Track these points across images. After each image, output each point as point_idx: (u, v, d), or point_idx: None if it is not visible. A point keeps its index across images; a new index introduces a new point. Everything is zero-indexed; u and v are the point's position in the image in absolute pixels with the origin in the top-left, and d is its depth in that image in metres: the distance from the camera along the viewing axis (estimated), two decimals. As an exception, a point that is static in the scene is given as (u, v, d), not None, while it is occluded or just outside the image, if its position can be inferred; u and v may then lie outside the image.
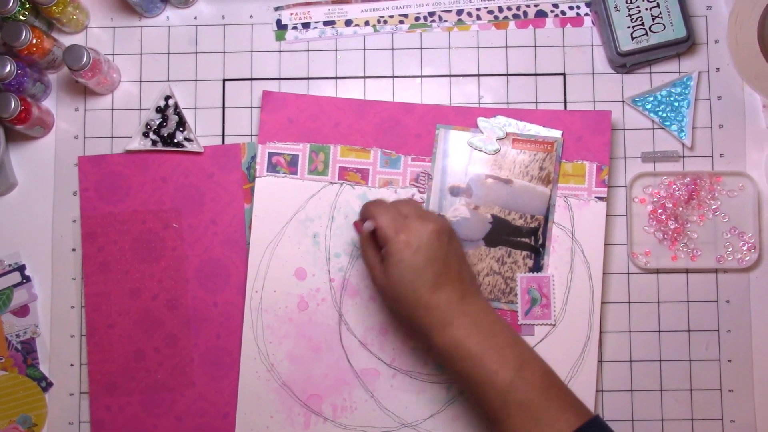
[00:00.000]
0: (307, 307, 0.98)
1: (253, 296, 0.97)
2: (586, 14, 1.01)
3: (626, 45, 0.97)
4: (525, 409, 0.79)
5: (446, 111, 0.98)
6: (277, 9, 1.02)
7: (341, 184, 0.98)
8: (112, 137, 1.01)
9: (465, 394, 0.96)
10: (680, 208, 0.98)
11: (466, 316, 0.84)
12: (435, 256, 0.84)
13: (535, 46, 1.01)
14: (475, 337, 0.83)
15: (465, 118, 0.98)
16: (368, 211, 0.88)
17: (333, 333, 0.97)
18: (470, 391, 0.84)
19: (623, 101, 1.00)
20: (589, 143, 0.97)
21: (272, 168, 0.98)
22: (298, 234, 0.98)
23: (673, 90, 0.99)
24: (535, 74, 1.01)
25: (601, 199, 0.97)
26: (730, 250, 0.98)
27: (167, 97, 1.00)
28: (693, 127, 0.99)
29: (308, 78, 1.02)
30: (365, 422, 0.97)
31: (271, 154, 0.98)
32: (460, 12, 1.02)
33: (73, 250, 1.00)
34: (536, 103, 1.00)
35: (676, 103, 0.99)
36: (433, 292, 0.83)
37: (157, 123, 1.00)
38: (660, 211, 0.98)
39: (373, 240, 0.88)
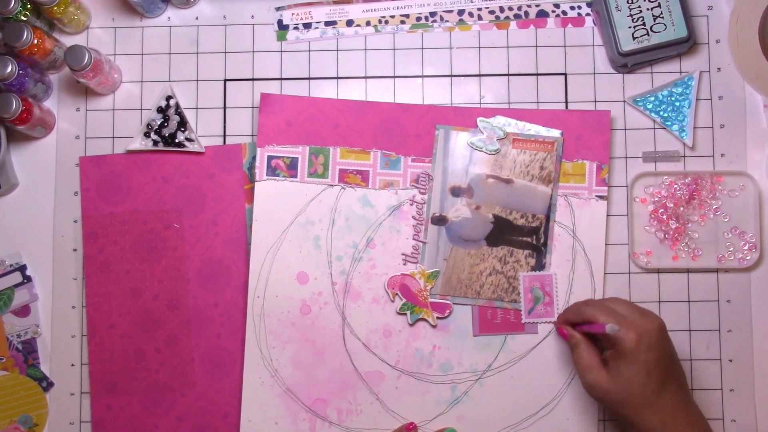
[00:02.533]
0: (309, 311, 0.98)
1: (255, 301, 0.97)
2: (588, 14, 1.01)
3: (627, 45, 0.97)
4: None
5: (445, 111, 0.98)
6: (278, 9, 1.02)
7: (342, 187, 0.98)
8: (113, 137, 1.01)
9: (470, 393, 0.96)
10: (681, 208, 0.98)
11: (689, 426, 0.83)
12: (664, 356, 0.84)
13: (536, 46, 1.01)
14: None
15: (464, 118, 0.98)
16: (584, 313, 0.88)
17: (336, 336, 0.97)
18: None
19: (624, 101, 1.00)
20: (588, 142, 0.97)
21: (272, 171, 0.98)
22: (299, 238, 0.98)
23: (674, 90, 0.99)
24: (537, 74, 1.01)
25: (601, 197, 0.97)
26: (731, 249, 0.98)
27: (168, 98, 1.00)
28: (694, 127, 0.99)
29: (309, 78, 1.02)
30: (371, 425, 0.96)
31: (270, 158, 0.98)
32: (461, 12, 1.02)
33: (74, 250, 1.00)
34: (537, 103, 1.00)
35: (677, 103, 0.99)
36: (660, 393, 0.83)
37: (159, 123, 1.00)
38: (661, 210, 0.98)
39: (588, 342, 0.88)
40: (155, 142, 0.99)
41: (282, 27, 1.02)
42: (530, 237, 0.97)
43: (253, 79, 1.02)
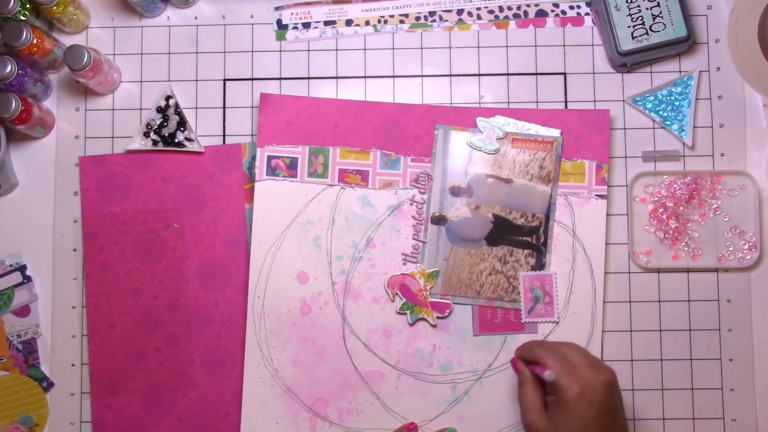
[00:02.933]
0: (309, 311, 0.98)
1: (255, 301, 0.97)
2: (587, 14, 1.01)
3: (627, 44, 0.97)
4: None
5: (445, 111, 0.98)
6: (277, 9, 1.02)
7: (341, 187, 0.98)
8: (112, 137, 1.01)
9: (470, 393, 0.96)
10: (681, 208, 0.98)
11: None
12: (606, 412, 0.82)
13: (535, 46, 1.01)
14: None
15: (464, 118, 0.98)
16: (535, 353, 0.87)
17: (336, 336, 0.97)
18: None
19: (624, 101, 1.00)
20: (588, 142, 0.97)
21: (272, 171, 0.98)
22: (299, 237, 0.98)
23: (673, 89, 0.99)
24: (536, 74, 1.01)
25: (601, 196, 0.97)
26: (731, 249, 0.98)
27: (168, 97, 1.00)
28: (694, 127, 0.99)
29: (309, 78, 1.02)
30: (371, 424, 0.96)
31: (270, 158, 0.98)
32: (460, 12, 1.02)
33: (74, 250, 1.00)
34: (537, 102, 1.00)
35: (677, 103, 0.99)
36: None
37: (158, 123, 1.00)
38: (661, 210, 0.98)
39: (536, 382, 0.87)
40: (155, 142, 0.99)
41: (281, 27, 1.02)
42: (530, 236, 0.97)
43: (252, 79, 1.02)
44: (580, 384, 0.82)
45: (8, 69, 0.92)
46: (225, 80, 1.02)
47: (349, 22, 1.02)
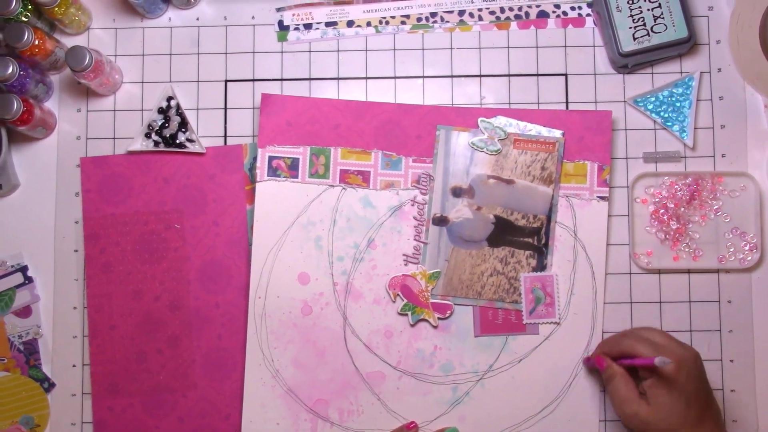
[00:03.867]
0: (311, 311, 0.98)
1: (256, 302, 0.97)
2: (588, 15, 1.01)
3: (628, 45, 0.97)
4: None
5: (446, 112, 0.99)
6: (279, 10, 1.02)
7: (343, 188, 0.98)
8: (114, 138, 1.01)
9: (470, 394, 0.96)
10: (682, 209, 0.98)
11: None
12: (700, 389, 0.84)
13: (536, 47, 1.01)
14: None
15: (465, 118, 0.98)
16: (622, 345, 0.88)
17: (338, 337, 0.97)
18: None
19: (625, 101, 1.00)
20: (590, 143, 0.97)
21: (273, 172, 0.98)
22: (300, 238, 0.98)
23: (674, 90, 0.99)
24: (537, 75, 1.01)
25: (602, 198, 0.97)
26: (732, 250, 0.98)
27: (169, 98, 1.00)
28: (695, 128, 0.99)
29: (310, 79, 1.02)
30: (373, 425, 0.96)
31: (271, 158, 0.98)
32: (461, 13, 1.02)
33: (76, 251, 1.00)
34: (538, 103, 1.00)
35: (678, 104, 0.99)
36: (698, 423, 0.83)
37: (159, 124, 1.00)
38: (662, 211, 0.98)
39: (626, 374, 0.88)
40: (156, 143, 0.99)
41: (283, 28, 1.02)
42: (531, 238, 0.97)
43: (253, 80, 1.02)
44: (676, 360, 0.83)
45: (10, 70, 0.92)
46: (226, 81, 1.02)
47: (350, 23, 1.02)
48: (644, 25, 0.97)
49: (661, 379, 0.84)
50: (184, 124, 1.00)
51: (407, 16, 1.02)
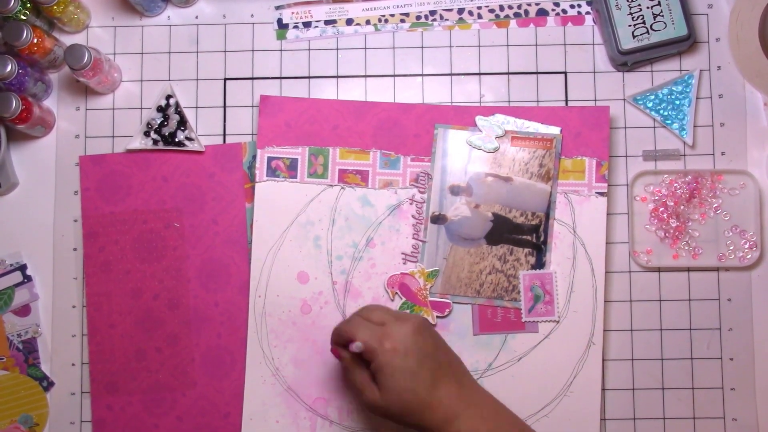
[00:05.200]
0: (310, 310, 0.98)
1: (256, 300, 0.97)
2: (587, 13, 1.01)
3: (627, 43, 0.97)
4: None
5: (445, 110, 0.98)
6: (278, 8, 1.02)
7: (341, 187, 0.98)
8: (113, 136, 1.01)
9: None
10: (681, 207, 0.98)
11: (471, 407, 0.83)
12: (425, 354, 0.82)
13: (536, 45, 1.01)
14: (482, 428, 0.82)
15: (463, 117, 0.98)
16: (343, 332, 0.86)
17: (337, 336, 0.97)
18: None
19: (624, 99, 1.00)
20: (587, 139, 0.97)
21: (272, 172, 0.98)
22: (299, 238, 0.98)
23: (674, 88, 0.99)
24: (537, 73, 1.01)
25: (601, 194, 0.97)
26: (731, 248, 0.98)
27: (168, 97, 1.00)
28: (694, 126, 0.99)
29: (309, 77, 1.02)
30: (372, 424, 0.96)
31: (270, 159, 0.98)
32: (461, 11, 1.02)
33: (75, 249, 1.00)
34: (537, 101, 1.00)
35: (678, 102, 0.99)
36: (433, 389, 0.82)
37: (158, 122, 1.00)
38: (661, 209, 0.98)
39: (357, 360, 0.86)
40: (155, 141, 0.99)
41: (282, 26, 1.02)
42: (530, 235, 0.97)
43: (252, 78, 1.02)
44: (390, 341, 0.81)
45: (8, 68, 0.92)
46: (225, 79, 1.02)
47: (349, 21, 1.02)
48: (644, 22, 0.97)
49: (378, 362, 0.82)
50: (183, 123, 1.00)
51: (406, 14, 1.02)
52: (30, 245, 1.00)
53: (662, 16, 0.97)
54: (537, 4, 1.01)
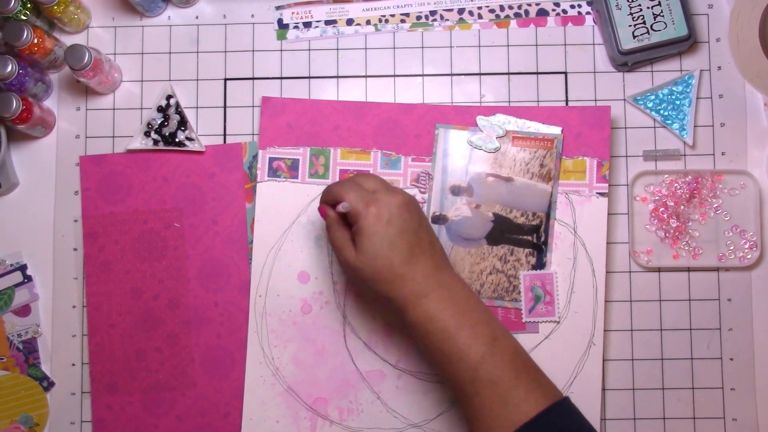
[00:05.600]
0: (310, 310, 0.98)
1: (256, 300, 0.97)
2: (588, 13, 1.01)
3: (628, 43, 0.97)
4: (494, 386, 0.79)
5: (445, 110, 0.98)
6: (278, 8, 1.02)
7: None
8: (113, 137, 1.01)
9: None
10: (682, 207, 0.98)
11: (442, 288, 0.84)
12: (407, 228, 0.84)
13: (536, 45, 1.01)
14: (449, 310, 0.82)
15: (464, 117, 0.98)
16: (334, 192, 0.87)
17: (337, 335, 0.97)
18: (440, 366, 0.83)
19: (624, 99, 1.00)
20: (588, 139, 0.97)
21: (273, 173, 0.98)
22: (300, 238, 0.98)
23: (674, 88, 0.99)
24: (537, 73, 1.01)
25: (602, 194, 0.97)
26: (731, 248, 0.98)
27: (168, 97, 1.00)
28: (694, 126, 0.99)
29: (309, 77, 1.02)
30: (372, 424, 0.96)
31: (271, 159, 0.98)
32: (461, 11, 1.02)
33: (75, 249, 1.00)
34: (538, 101, 1.00)
35: (678, 102, 0.99)
36: (408, 263, 0.83)
37: (159, 122, 1.00)
38: (661, 209, 0.98)
39: (341, 220, 0.87)
40: (155, 142, 0.99)
41: (282, 26, 1.02)
42: (531, 235, 0.97)
43: (253, 78, 1.02)
44: (377, 206, 0.83)
45: (9, 68, 0.92)
46: (226, 79, 1.02)
47: (349, 22, 1.02)
48: (644, 23, 0.97)
49: (360, 225, 0.83)
50: (183, 123, 1.00)
51: (407, 15, 1.02)
52: (30, 245, 1.00)
53: (662, 16, 0.97)
54: (537, 5, 1.01)
